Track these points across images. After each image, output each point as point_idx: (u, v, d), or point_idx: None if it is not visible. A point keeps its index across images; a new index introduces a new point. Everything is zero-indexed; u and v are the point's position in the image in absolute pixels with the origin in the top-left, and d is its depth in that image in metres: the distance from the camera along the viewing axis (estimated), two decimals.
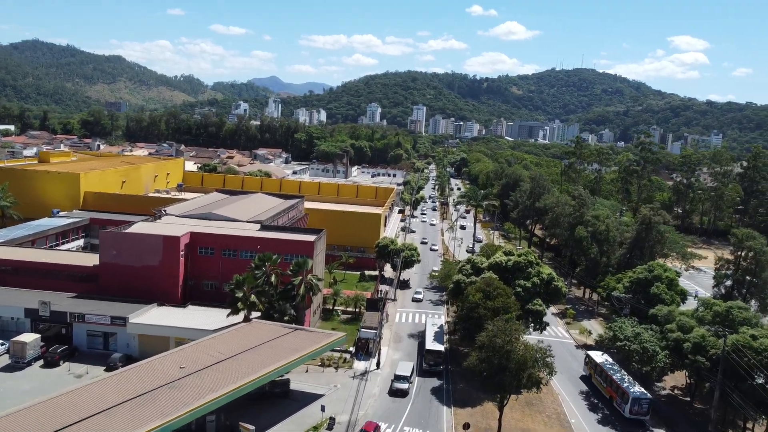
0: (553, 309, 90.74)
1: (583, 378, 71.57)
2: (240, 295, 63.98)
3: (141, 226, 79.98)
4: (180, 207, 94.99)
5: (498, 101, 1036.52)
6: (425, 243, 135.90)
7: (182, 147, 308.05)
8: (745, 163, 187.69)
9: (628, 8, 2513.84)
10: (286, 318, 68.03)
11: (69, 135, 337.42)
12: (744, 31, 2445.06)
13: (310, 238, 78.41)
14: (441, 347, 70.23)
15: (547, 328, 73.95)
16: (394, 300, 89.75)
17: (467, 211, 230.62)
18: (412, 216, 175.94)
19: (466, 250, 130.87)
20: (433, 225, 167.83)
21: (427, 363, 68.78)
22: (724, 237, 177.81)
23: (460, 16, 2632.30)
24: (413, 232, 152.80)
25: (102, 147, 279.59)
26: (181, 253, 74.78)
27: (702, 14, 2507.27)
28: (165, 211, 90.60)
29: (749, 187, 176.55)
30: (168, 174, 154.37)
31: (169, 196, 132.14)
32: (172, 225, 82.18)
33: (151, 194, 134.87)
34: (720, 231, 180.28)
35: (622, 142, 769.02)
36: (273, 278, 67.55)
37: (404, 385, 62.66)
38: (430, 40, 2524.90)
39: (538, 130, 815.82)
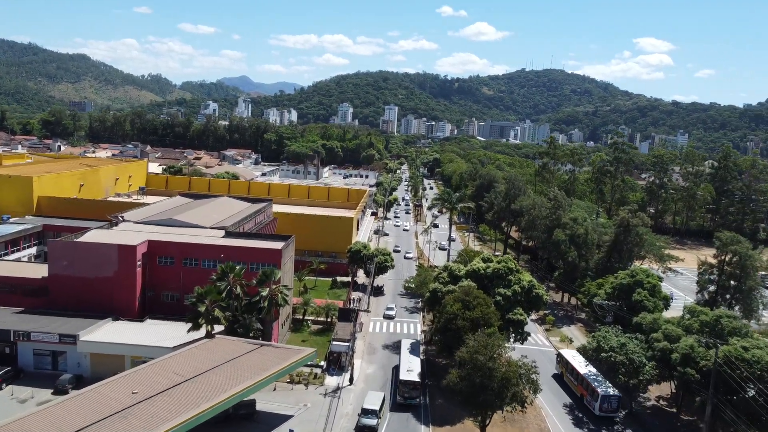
0: (532, 315, 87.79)
1: (555, 376, 71.23)
2: (202, 309, 59.27)
3: (95, 234, 74.43)
4: (139, 212, 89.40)
5: (469, 101, 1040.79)
6: (398, 251, 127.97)
7: (148, 148, 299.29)
8: (715, 163, 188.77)
9: (595, 10, 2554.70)
10: (251, 333, 63.48)
11: (29, 136, 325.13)
12: (706, 33, 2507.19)
13: (278, 245, 73.90)
14: (417, 376, 61.54)
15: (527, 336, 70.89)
16: (368, 311, 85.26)
17: (440, 212, 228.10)
18: (386, 218, 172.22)
19: (439, 248, 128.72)
20: (407, 230, 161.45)
21: (402, 395, 60.49)
22: (697, 237, 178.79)
23: (430, 17, 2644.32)
24: (387, 235, 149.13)
25: (63, 148, 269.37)
26: (138, 263, 69.59)
27: (666, 16, 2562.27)
28: (122, 217, 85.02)
29: (720, 187, 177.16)
30: (130, 176, 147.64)
31: (130, 200, 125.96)
32: (129, 232, 76.84)
33: (111, 198, 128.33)
34: (692, 231, 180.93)
35: (592, 142, 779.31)
36: (237, 290, 63.07)
37: (372, 421, 54.34)
38: (400, 40, 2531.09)
39: (509, 130, 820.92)
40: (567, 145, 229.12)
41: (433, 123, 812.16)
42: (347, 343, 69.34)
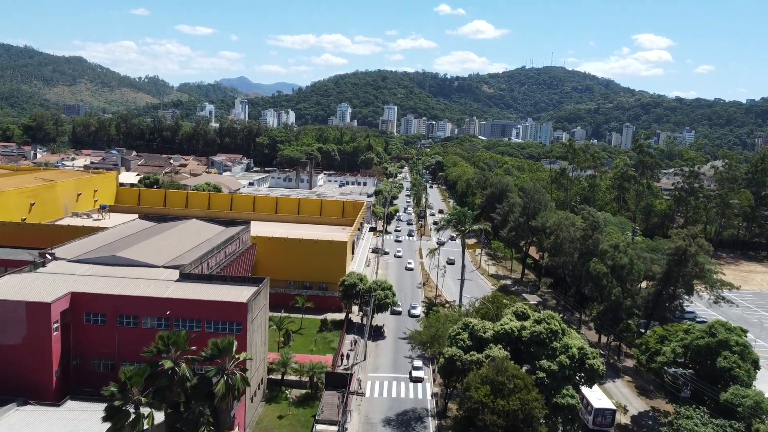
0: None
1: None
2: (125, 407, 41.80)
3: (4, 284, 56.91)
4: (75, 247, 71.84)
5: (469, 100, 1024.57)
6: (399, 311, 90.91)
7: (132, 154, 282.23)
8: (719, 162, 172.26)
9: (593, 6, 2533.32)
10: (200, 426, 45.95)
11: (8, 142, 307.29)
12: (705, 28, 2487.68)
13: (244, 295, 56.32)
14: None
15: None
16: (362, 394, 65.77)
17: (441, 211, 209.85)
18: (386, 232, 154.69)
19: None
20: (411, 268, 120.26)
21: None
22: (731, 248, 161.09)
23: (428, 16, 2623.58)
24: (386, 253, 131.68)
25: (39, 155, 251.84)
26: (55, 324, 52.26)
27: (665, 12, 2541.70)
28: (52, 254, 67.47)
29: (757, 193, 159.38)
30: (96, 191, 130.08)
31: (87, 221, 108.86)
32: (54, 278, 59.47)
33: (63, 221, 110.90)
34: (725, 242, 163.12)
35: (595, 140, 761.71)
36: (182, 369, 45.58)
37: None
38: (399, 39, 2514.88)
39: (510, 129, 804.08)
40: (581, 144, 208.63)
41: (434, 122, 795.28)
42: (335, 428, 51.98)
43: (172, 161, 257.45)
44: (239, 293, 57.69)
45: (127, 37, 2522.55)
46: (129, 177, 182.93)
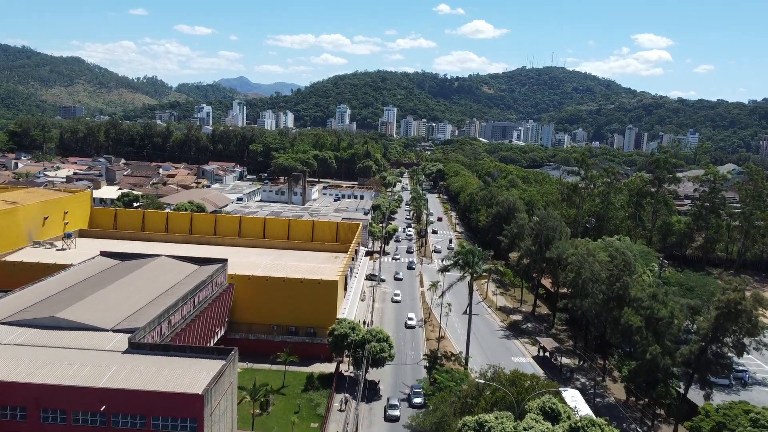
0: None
1: None
2: None
3: None
4: (10, 302, 59.95)
5: (469, 101, 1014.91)
6: (396, 416, 65.54)
7: (121, 162, 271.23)
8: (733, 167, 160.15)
9: (592, 6, 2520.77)
10: None
11: None
12: (704, 28, 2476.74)
13: (201, 382, 44.69)
14: None
15: None
16: None
17: (439, 219, 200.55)
18: (384, 253, 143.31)
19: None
20: (412, 326, 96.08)
21: None
22: (756, 269, 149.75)
23: (427, 15, 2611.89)
24: (383, 281, 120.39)
25: (22, 165, 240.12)
26: None
27: (664, 11, 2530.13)
28: None
29: None
30: (66, 213, 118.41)
31: (48, 252, 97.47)
32: None
33: (22, 251, 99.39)
34: (748, 262, 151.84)
35: (597, 142, 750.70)
36: None
37: None
38: (398, 39, 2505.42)
39: (512, 131, 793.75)
40: (584, 146, 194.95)
41: (434, 124, 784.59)
42: None
43: (161, 171, 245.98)
44: (198, 374, 46.29)
45: (126, 37, 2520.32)
46: (109, 191, 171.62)
